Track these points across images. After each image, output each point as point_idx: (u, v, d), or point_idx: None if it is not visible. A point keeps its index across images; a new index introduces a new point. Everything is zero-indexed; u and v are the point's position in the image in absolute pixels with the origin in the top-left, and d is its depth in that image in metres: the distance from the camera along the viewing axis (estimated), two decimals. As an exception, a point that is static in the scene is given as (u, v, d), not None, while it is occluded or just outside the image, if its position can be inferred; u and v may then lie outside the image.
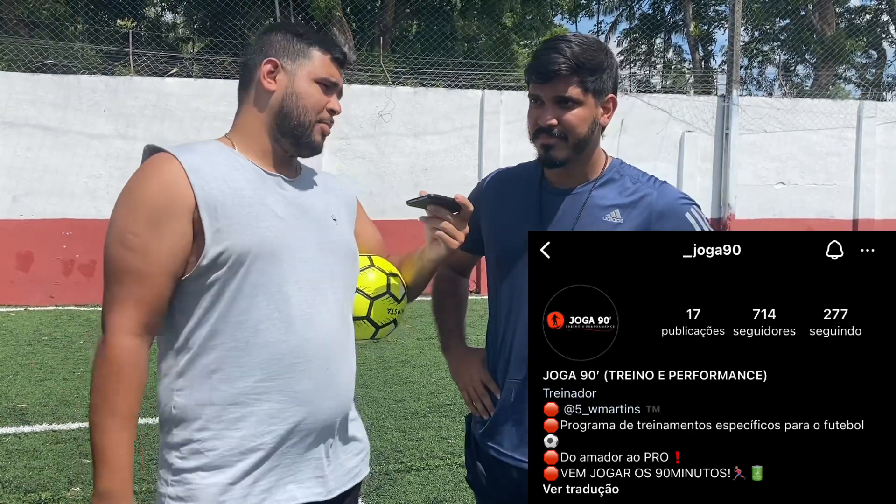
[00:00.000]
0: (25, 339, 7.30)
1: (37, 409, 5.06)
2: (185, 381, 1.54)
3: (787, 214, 11.79)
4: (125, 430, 1.48)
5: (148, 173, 1.53)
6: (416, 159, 10.57)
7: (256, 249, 1.53)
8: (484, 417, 1.90)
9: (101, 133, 9.48)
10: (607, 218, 1.75)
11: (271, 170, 1.64)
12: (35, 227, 9.36)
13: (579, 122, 1.72)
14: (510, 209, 1.86)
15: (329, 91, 1.66)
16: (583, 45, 1.72)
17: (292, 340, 1.56)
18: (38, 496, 3.70)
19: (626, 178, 1.81)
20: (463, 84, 11.35)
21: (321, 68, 1.65)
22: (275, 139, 1.65)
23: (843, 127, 11.96)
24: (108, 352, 1.48)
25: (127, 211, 1.51)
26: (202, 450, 1.53)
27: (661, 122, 11.38)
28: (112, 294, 1.50)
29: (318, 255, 1.63)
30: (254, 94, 1.65)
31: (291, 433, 1.58)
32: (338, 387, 1.65)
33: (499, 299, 1.88)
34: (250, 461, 1.55)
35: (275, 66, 1.63)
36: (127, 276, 1.49)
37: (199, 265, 1.51)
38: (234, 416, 1.54)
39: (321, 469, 1.64)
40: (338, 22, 14.67)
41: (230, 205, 1.53)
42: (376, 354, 6.70)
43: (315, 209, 1.68)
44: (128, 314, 1.48)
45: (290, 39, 1.65)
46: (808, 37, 19.02)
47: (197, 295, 1.53)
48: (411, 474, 4.03)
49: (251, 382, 1.54)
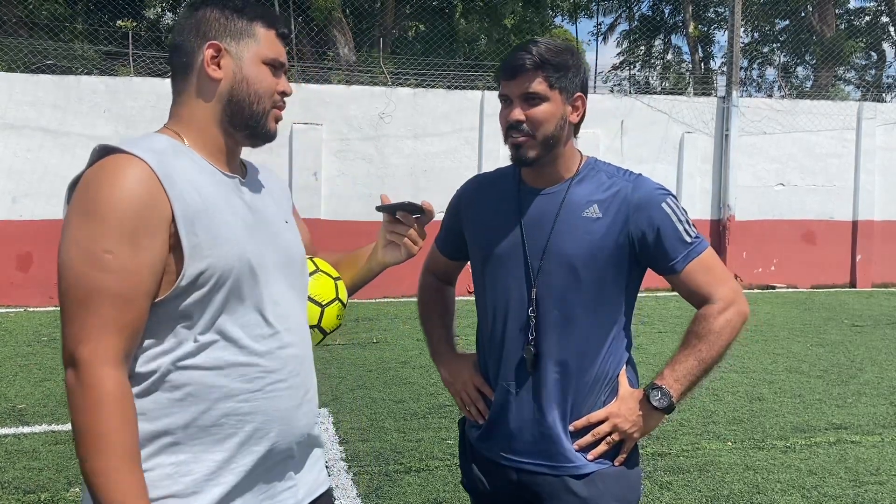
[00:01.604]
0: (25, 340, 7.29)
1: (36, 410, 5.06)
2: (153, 403, 1.37)
3: (786, 216, 11.79)
4: (134, 472, 1.30)
5: (113, 178, 1.32)
6: (416, 161, 10.57)
7: (238, 266, 1.40)
8: (479, 422, 1.91)
9: (101, 134, 9.48)
10: (586, 213, 1.78)
11: (225, 169, 1.49)
12: (35, 228, 9.36)
13: (546, 118, 1.75)
14: (490, 212, 1.88)
15: (277, 72, 1.50)
16: (548, 46, 1.77)
17: (274, 357, 1.46)
18: (37, 497, 3.69)
19: (601, 174, 1.83)
20: (463, 85, 11.36)
21: (268, 48, 1.49)
22: (226, 132, 1.49)
23: (843, 128, 11.96)
24: (92, 387, 1.28)
25: (92, 224, 1.30)
26: (176, 474, 1.37)
27: (661, 124, 11.38)
28: (81, 322, 1.29)
29: (283, 265, 1.52)
30: (196, 82, 1.47)
31: (270, 451, 1.47)
32: (311, 401, 1.56)
33: (486, 301, 1.89)
34: (228, 484, 1.41)
35: (217, 51, 1.45)
36: (101, 300, 1.29)
37: (178, 285, 1.35)
38: (214, 439, 1.40)
39: (291, 479, 1.54)
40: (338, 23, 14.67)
41: (205, 216, 1.37)
42: (376, 355, 6.71)
43: (270, 213, 1.54)
44: (107, 343, 1.29)
45: (229, 16, 1.47)
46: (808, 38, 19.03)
47: (171, 316, 1.37)
48: (411, 475, 4.03)
49: (232, 404, 1.41)
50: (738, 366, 6.55)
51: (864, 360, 6.80)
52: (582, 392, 1.79)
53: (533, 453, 1.80)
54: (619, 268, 1.79)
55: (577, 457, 1.79)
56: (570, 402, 1.79)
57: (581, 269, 1.76)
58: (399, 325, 8.06)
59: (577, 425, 1.79)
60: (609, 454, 1.79)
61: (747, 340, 7.63)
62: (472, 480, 1.93)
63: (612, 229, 1.76)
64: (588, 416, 1.79)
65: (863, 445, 4.58)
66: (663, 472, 4.13)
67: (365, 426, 4.79)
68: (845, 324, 8.69)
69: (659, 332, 7.99)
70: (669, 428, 4.84)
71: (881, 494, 3.88)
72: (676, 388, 1.77)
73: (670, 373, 1.79)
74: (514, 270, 1.81)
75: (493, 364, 1.87)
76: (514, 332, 1.81)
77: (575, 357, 1.78)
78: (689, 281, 1.79)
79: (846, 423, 5.00)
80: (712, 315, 1.77)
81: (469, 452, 1.96)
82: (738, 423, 4.98)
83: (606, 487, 1.78)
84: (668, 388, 1.77)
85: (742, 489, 3.92)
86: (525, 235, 1.80)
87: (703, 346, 1.77)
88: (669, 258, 1.78)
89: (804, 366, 6.58)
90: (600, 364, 1.80)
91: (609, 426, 1.77)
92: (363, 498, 3.76)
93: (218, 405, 1.40)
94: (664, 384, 1.77)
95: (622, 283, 1.81)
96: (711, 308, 1.78)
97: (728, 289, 1.80)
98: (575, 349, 1.78)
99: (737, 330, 1.77)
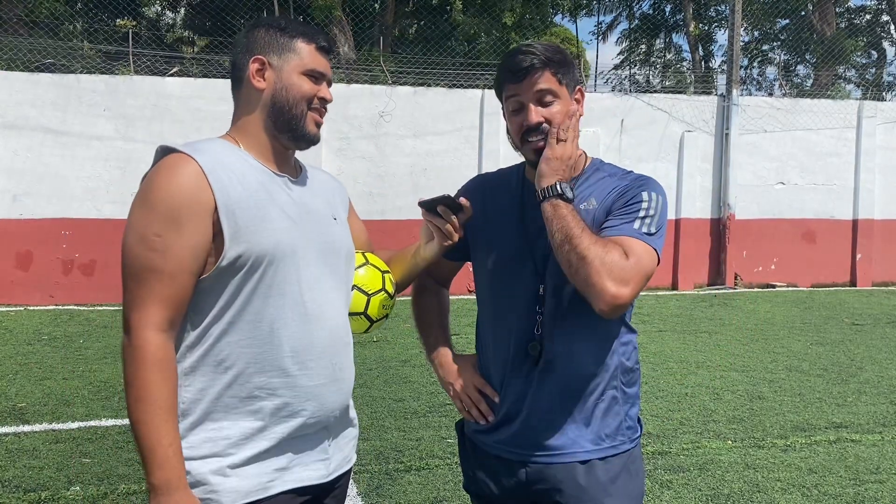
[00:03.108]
0: (25, 339, 7.30)
1: (36, 409, 5.06)
2: (195, 376, 1.57)
3: (786, 214, 11.79)
4: (168, 422, 1.49)
5: (166, 174, 1.54)
6: (416, 159, 10.57)
7: (272, 251, 1.57)
8: (481, 423, 1.90)
9: (101, 133, 9.48)
10: (584, 206, 1.78)
11: (277, 169, 1.68)
12: (35, 226, 9.36)
13: (564, 116, 1.76)
14: (495, 212, 1.88)
15: (318, 81, 1.69)
16: (544, 45, 1.78)
17: (304, 338, 1.62)
18: (37, 496, 3.69)
19: (603, 173, 1.84)
20: (463, 84, 11.35)
21: (308, 60, 1.67)
22: (273, 136, 1.67)
23: (843, 127, 11.96)
24: (138, 348, 1.49)
25: (146, 212, 1.52)
26: (215, 438, 1.57)
27: (661, 123, 11.38)
28: (134, 293, 1.52)
29: (324, 254, 1.68)
30: (245, 93, 1.68)
31: (302, 426, 1.64)
32: (342, 381, 1.72)
33: (490, 300, 1.89)
34: (262, 445, 1.59)
35: (262, 64, 1.65)
36: (150, 275, 1.50)
37: (219, 266, 1.54)
38: (249, 409, 1.58)
39: (325, 452, 1.70)
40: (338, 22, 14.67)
41: (246, 207, 1.56)
42: (376, 354, 6.71)
43: (318, 209, 1.72)
44: (152, 311, 1.50)
45: (273, 34, 1.67)
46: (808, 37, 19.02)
47: (213, 294, 1.56)
48: (411, 474, 4.03)
49: (265, 378, 1.59)
50: (738, 364, 6.55)
51: (864, 359, 6.80)
52: (589, 385, 1.80)
53: (542, 447, 1.81)
54: None
55: (585, 446, 1.79)
56: (576, 396, 1.79)
57: None
58: (399, 324, 8.06)
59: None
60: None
61: (747, 339, 7.63)
62: (477, 483, 1.92)
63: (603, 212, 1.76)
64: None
65: (863, 444, 4.58)
66: (663, 470, 4.13)
67: (365, 425, 4.79)
68: (845, 323, 8.70)
69: (659, 332, 7.99)
70: (670, 427, 4.84)
71: (881, 493, 3.88)
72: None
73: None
74: (519, 270, 1.81)
75: (498, 362, 1.87)
76: (520, 330, 1.81)
77: (581, 352, 1.79)
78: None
79: (846, 421, 5.00)
80: (614, 247, 1.65)
81: (472, 454, 1.95)
82: (738, 421, 4.99)
83: (614, 476, 1.80)
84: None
85: (742, 488, 3.92)
86: (530, 235, 1.80)
87: (585, 234, 1.65)
88: (606, 222, 1.72)
89: (804, 364, 6.58)
90: (608, 356, 1.80)
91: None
92: (364, 496, 3.76)
93: (252, 379, 1.58)
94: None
95: None
96: (617, 251, 1.65)
97: (634, 269, 1.64)
98: (581, 344, 1.79)
99: (601, 270, 1.60)
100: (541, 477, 1.81)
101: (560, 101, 1.76)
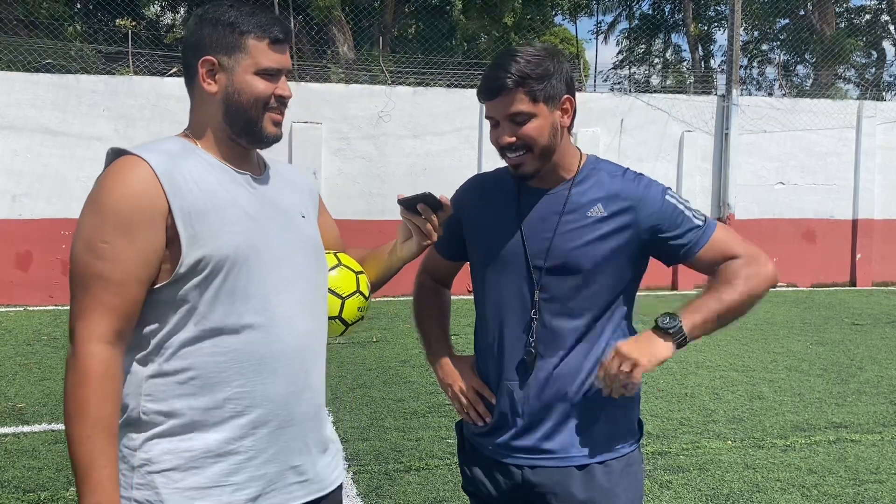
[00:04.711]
0: (25, 339, 7.30)
1: (36, 409, 5.06)
2: (155, 386, 1.48)
3: (786, 214, 11.78)
4: (102, 439, 1.41)
5: (116, 178, 1.46)
6: (416, 159, 10.56)
7: (234, 254, 1.49)
8: (479, 424, 1.89)
9: (101, 133, 9.47)
10: (590, 213, 1.77)
11: (238, 167, 1.58)
12: (34, 227, 9.35)
13: (538, 133, 1.74)
14: (491, 212, 1.87)
15: (274, 79, 1.56)
16: (526, 57, 1.72)
17: (272, 344, 1.53)
18: (36, 496, 3.69)
19: (602, 173, 1.83)
20: (463, 84, 11.34)
21: (261, 58, 1.54)
22: (230, 137, 1.57)
23: (843, 127, 11.95)
24: (79, 360, 1.43)
25: (95, 218, 1.45)
26: (176, 450, 1.48)
27: (661, 123, 11.38)
28: (80, 303, 1.45)
29: (291, 254, 1.58)
30: (198, 94, 1.57)
31: (271, 437, 1.54)
32: (313, 389, 1.62)
33: (487, 302, 1.88)
34: (228, 464, 1.50)
35: (212, 65, 1.54)
36: (96, 283, 1.44)
37: (177, 272, 1.46)
38: (213, 421, 1.49)
39: (303, 474, 1.60)
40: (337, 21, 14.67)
41: (204, 210, 1.47)
42: (376, 354, 6.70)
43: (284, 206, 1.62)
44: (98, 322, 1.43)
45: (222, 31, 1.53)
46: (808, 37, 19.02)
47: (172, 302, 1.48)
48: (411, 474, 4.03)
49: (232, 387, 1.50)
50: (738, 364, 6.55)
51: (863, 359, 6.80)
52: (585, 387, 1.79)
53: (538, 451, 1.80)
54: (624, 264, 1.79)
55: (582, 450, 1.79)
56: (573, 400, 1.79)
57: (586, 269, 1.76)
58: (399, 324, 8.05)
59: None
60: (621, 388, 1.72)
61: (747, 339, 7.63)
62: (475, 484, 1.92)
63: (617, 226, 1.76)
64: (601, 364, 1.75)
65: (862, 444, 4.58)
66: (663, 470, 4.13)
67: (365, 425, 4.79)
68: (845, 322, 8.69)
69: (659, 331, 7.97)
70: (670, 427, 4.84)
71: (881, 493, 3.88)
72: (689, 318, 1.72)
73: (684, 305, 1.76)
74: (515, 272, 1.81)
75: (495, 364, 1.86)
76: (516, 332, 1.81)
77: (578, 355, 1.78)
78: (711, 257, 1.79)
79: (846, 421, 5.00)
80: (734, 264, 1.77)
81: (471, 455, 1.95)
82: (738, 421, 4.98)
83: (612, 479, 1.79)
84: (679, 314, 1.73)
85: (742, 488, 3.92)
86: (526, 236, 1.80)
87: (722, 287, 1.75)
88: (685, 244, 1.78)
89: (804, 364, 6.58)
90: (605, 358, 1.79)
91: (617, 357, 1.70)
92: (363, 497, 3.76)
93: (217, 388, 1.49)
94: (676, 312, 1.74)
95: (626, 279, 1.81)
96: (735, 261, 1.77)
97: (752, 247, 1.80)
98: (578, 348, 1.78)
99: (761, 280, 1.75)
100: (537, 480, 1.81)
101: (536, 118, 1.73)
